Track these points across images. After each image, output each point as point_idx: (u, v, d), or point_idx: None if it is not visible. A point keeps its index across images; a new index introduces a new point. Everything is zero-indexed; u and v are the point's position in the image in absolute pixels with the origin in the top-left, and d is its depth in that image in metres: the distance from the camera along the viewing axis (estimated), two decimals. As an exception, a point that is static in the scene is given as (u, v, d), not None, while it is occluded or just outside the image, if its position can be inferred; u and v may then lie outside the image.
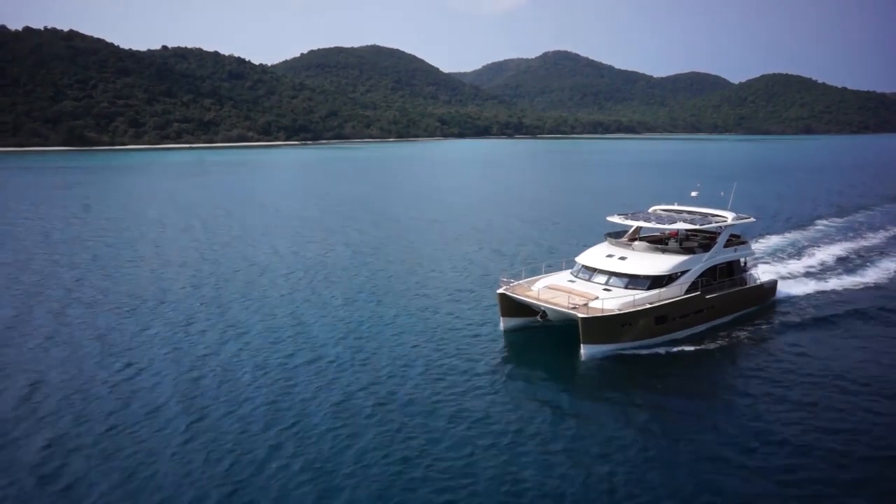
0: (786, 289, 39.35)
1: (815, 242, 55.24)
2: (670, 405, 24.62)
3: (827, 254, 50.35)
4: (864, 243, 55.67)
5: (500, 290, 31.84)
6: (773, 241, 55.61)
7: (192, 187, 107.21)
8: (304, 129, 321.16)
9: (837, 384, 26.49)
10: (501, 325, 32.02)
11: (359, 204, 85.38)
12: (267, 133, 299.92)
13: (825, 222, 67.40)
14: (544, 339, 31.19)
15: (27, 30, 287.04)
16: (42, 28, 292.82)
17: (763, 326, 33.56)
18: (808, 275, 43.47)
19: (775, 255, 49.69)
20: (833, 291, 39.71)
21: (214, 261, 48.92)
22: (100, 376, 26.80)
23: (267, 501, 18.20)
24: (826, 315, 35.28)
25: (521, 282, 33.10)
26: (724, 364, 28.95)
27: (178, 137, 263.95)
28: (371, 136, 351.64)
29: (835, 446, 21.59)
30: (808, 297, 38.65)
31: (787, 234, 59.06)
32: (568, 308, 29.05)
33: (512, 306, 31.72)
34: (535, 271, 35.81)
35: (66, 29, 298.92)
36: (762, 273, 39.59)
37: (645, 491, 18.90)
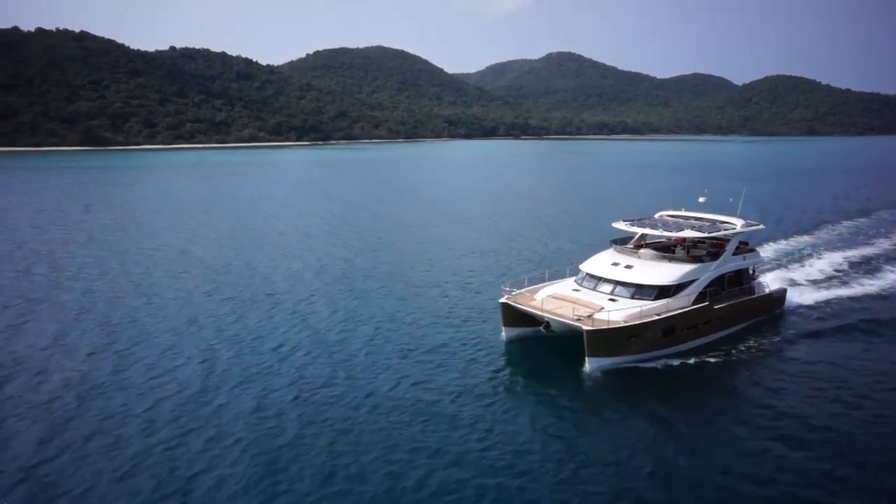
0: (795, 297, 37.71)
1: (825, 248, 53.28)
2: (677, 420, 23.29)
3: (837, 260, 48.48)
4: (875, 248, 53.71)
5: (503, 300, 30.48)
6: (782, 247, 53.73)
7: (234, 186, 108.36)
8: (314, 130, 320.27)
9: (850, 397, 25.11)
10: (503, 336, 30.65)
11: (367, 205, 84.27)
12: (278, 133, 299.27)
13: (834, 227, 65.38)
14: (547, 350, 29.81)
15: (39, 31, 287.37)
16: (54, 29, 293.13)
17: (772, 337, 32.05)
18: (818, 282, 41.75)
19: (784, 262, 47.88)
20: (844, 299, 38.02)
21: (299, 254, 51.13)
22: (265, 360, 28.53)
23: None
24: (837, 324, 33.71)
25: (523, 290, 31.71)
26: (733, 377, 27.52)
27: (191, 137, 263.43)
28: (380, 137, 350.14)
29: (847, 460, 20.42)
30: (818, 305, 36.98)
31: (796, 240, 57.11)
32: (572, 320, 27.67)
33: (514, 316, 30.36)
34: (538, 279, 34.41)
35: (77, 30, 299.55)
36: (771, 281, 38.04)
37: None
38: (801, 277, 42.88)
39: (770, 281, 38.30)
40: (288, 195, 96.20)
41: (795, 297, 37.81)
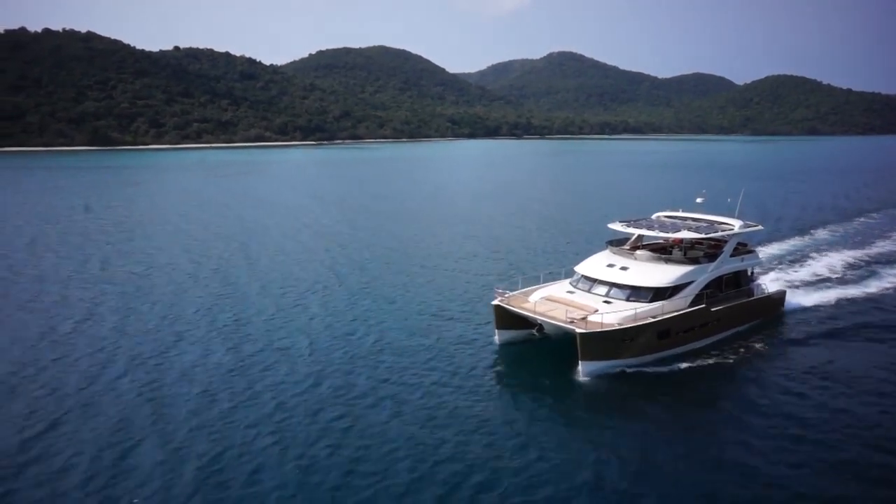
0: (795, 299, 36.69)
1: (826, 249, 52.09)
2: (673, 425, 22.53)
3: (838, 261, 47.36)
4: (877, 249, 52.45)
5: (495, 302, 29.64)
6: (782, 247, 52.54)
7: (261, 184, 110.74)
8: (319, 130, 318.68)
9: (851, 401, 24.24)
10: (496, 338, 29.81)
11: (363, 204, 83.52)
12: (283, 133, 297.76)
13: (835, 227, 64.06)
14: (541, 353, 28.97)
15: (46, 31, 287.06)
16: (61, 30, 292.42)
17: (771, 340, 31.15)
18: (818, 284, 40.67)
19: (784, 263, 46.77)
20: (846, 301, 36.96)
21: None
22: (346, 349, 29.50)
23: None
24: (838, 327, 32.74)
25: (517, 292, 30.85)
26: (731, 381, 26.70)
27: (198, 137, 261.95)
28: (384, 137, 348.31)
29: (848, 467, 19.63)
30: (818, 307, 35.97)
31: (796, 241, 55.89)
32: (565, 322, 26.81)
33: (508, 318, 29.51)
34: (533, 280, 33.54)
35: (83, 30, 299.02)
36: (770, 283, 37.04)
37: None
38: (801, 279, 41.84)
39: (769, 282, 37.30)
40: (317, 193, 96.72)
41: (795, 298, 36.81)
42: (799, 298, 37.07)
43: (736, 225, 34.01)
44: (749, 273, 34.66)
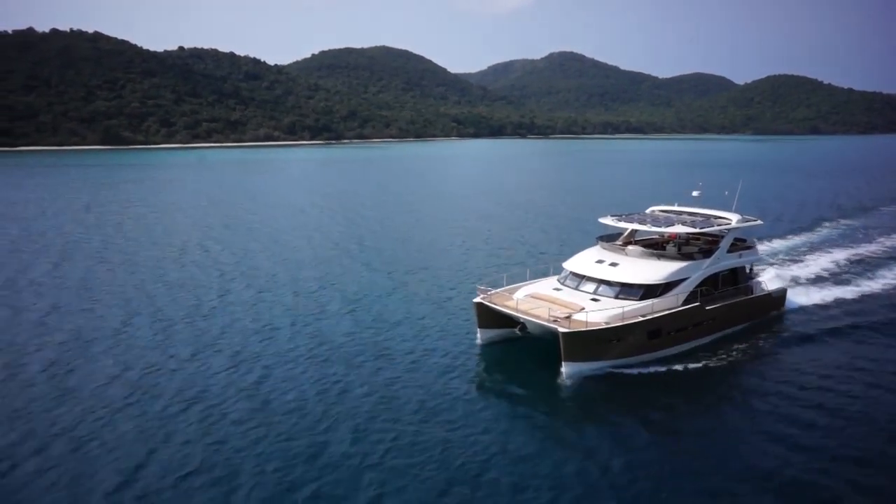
0: (796, 298, 34.24)
1: (829, 245, 49.45)
2: (663, 432, 20.38)
3: (842, 258, 44.76)
4: (882, 246, 49.75)
5: (477, 299, 27.45)
6: (783, 244, 49.95)
7: (293, 181, 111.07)
8: (326, 129, 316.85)
9: (854, 405, 22.03)
10: (478, 338, 27.63)
11: (361, 202, 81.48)
12: (292, 133, 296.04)
13: (838, 224, 61.34)
14: (524, 353, 26.77)
15: (54, 31, 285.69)
16: (68, 30, 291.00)
17: (770, 340, 28.84)
18: (821, 282, 38.15)
19: (785, 260, 44.23)
20: (850, 300, 34.48)
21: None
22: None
23: None
24: (841, 326, 30.37)
25: (500, 290, 28.63)
26: (725, 383, 24.43)
27: (207, 137, 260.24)
28: (390, 136, 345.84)
29: (850, 473, 17.74)
30: (821, 306, 33.51)
31: (798, 237, 53.24)
32: (548, 321, 24.59)
33: (490, 317, 27.34)
34: (519, 277, 31.32)
35: (90, 30, 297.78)
36: (770, 280, 34.58)
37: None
38: (803, 276, 39.32)
39: (769, 280, 34.78)
40: (347, 190, 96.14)
41: (797, 297, 34.38)
42: (801, 297, 34.63)
43: (734, 219, 31.68)
44: (747, 270, 32.33)
